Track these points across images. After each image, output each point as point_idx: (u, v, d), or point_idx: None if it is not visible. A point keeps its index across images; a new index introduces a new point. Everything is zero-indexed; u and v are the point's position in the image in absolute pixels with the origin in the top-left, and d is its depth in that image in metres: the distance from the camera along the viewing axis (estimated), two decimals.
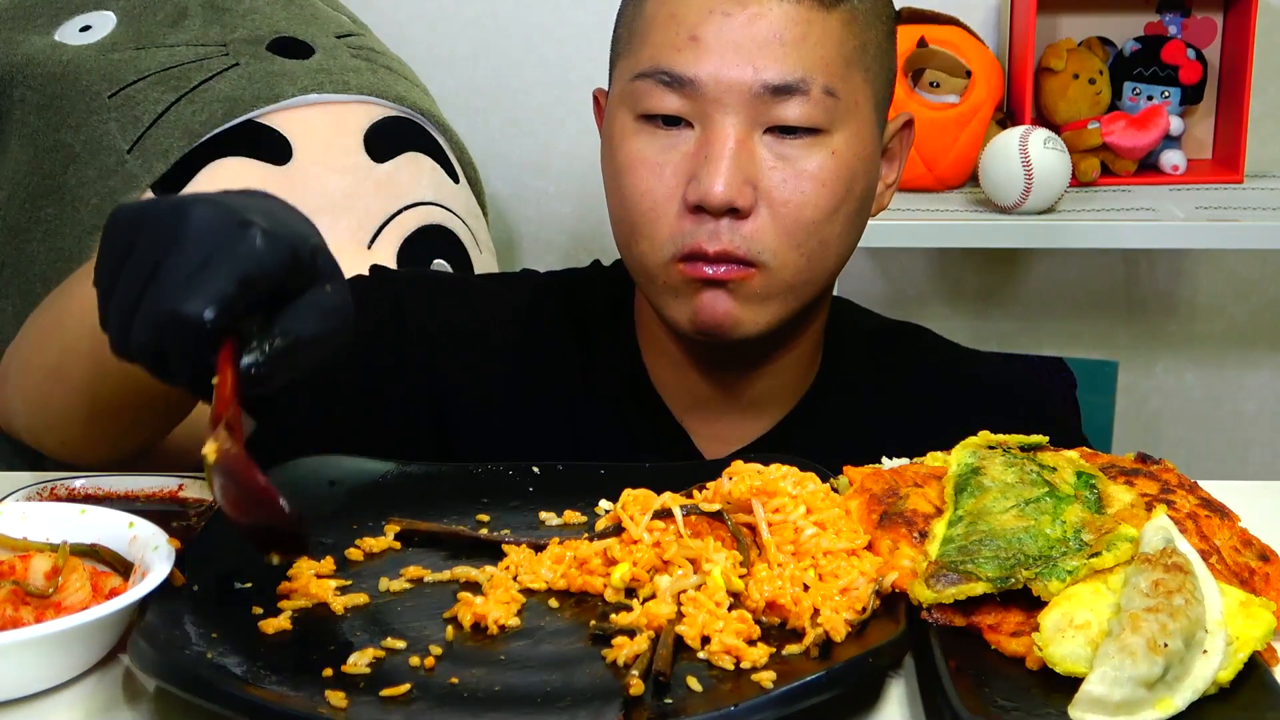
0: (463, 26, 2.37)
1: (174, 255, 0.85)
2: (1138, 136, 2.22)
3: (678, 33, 1.21)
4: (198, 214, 0.86)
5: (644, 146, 1.23)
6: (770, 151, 1.21)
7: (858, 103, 1.23)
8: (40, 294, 1.76)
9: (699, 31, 1.20)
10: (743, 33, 1.20)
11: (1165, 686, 0.77)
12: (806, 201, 1.21)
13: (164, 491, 1.07)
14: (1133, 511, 0.90)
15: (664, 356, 1.31)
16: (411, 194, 1.90)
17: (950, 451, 0.99)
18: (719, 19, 1.20)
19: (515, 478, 1.08)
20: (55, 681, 0.83)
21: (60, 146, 1.80)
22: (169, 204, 0.88)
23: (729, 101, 1.19)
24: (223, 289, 0.84)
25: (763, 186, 1.20)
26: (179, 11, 1.90)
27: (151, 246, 0.86)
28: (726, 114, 1.20)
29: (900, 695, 0.83)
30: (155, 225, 0.87)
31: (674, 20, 1.22)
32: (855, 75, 1.23)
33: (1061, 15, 2.30)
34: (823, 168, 1.21)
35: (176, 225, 0.86)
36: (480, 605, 0.89)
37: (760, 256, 1.20)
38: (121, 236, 0.88)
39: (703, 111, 1.20)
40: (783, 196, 1.20)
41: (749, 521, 0.92)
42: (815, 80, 1.20)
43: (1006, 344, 2.42)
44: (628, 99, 1.24)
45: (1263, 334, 2.47)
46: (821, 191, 1.21)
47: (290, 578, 0.91)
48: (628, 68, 1.26)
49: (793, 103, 1.19)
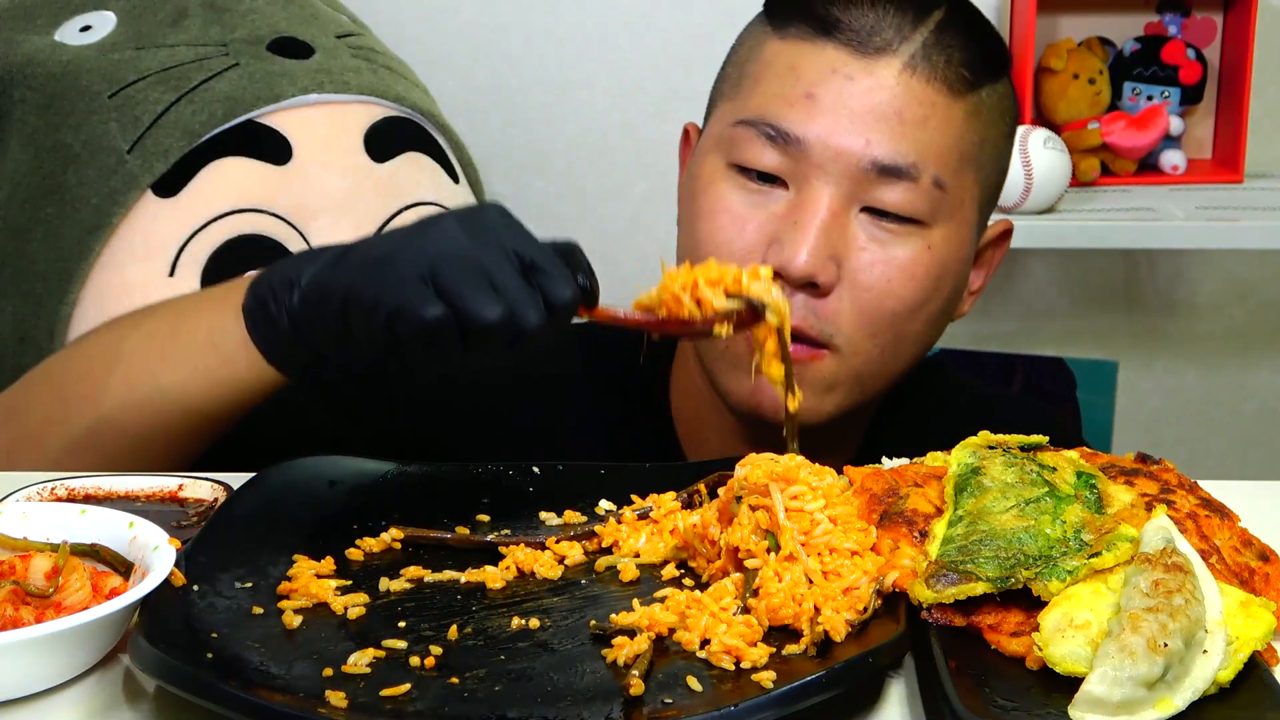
0: (463, 26, 2.37)
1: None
2: (1138, 136, 2.22)
3: (794, 87, 1.15)
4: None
5: (731, 194, 1.17)
6: (864, 231, 1.15)
7: (963, 201, 1.17)
8: (40, 294, 1.77)
9: (816, 90, 1.14)
10: (862, 101, 1.13)
11: (1165, 686, 0.77)
12: (891, 291, 1.15)
13: (164, 491, 1.07)
14: (1133, 511, 0.90)
15: (699, 421, 1.25)
16: (411, 194, 1.90)
17: (950, 451, 0.99)
18: (840, 81, 1.14)
19: (515, 478, 1.08)
20: (55, 681, 0.83)
21: (60, 146, 1.80)
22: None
23: (832, 170, 1.13)
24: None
25: (848, 266, 1.14)
26: (179, 11, 1.90)
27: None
28: (826, 182, 1.13)
29: (900, 695, 0.83)
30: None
31: (792, 73, 1.15)
32: (968, 172, 1.17)
33: (1061, 15, 2.30)
34: (915, 260, 1.15)
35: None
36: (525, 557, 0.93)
37: (833, 339, 1.14)
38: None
39: (802, 174, 1.14)
40: (867, 281, 1.14)
41: (766, 505, 0.91)
42: (927, 169, 1.14)
43: (1006, 344, 2.42)
44: (724, 144, 1.18)
45: (1263, 334, 2.47)
46: (909, 284, 1.15)
47: (290, 578, 0.91)
48: (730, 111, 1.19)
49: (899, 187, 1.13)
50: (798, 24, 1.18)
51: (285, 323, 1.04)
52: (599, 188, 2.44)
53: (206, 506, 1.04)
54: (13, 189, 1.83)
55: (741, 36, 1.25)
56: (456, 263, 0.95)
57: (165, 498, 1.06)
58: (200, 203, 1.76)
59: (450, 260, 0.96)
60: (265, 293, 1.06)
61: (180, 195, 1.76)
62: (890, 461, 1.02)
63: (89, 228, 1.76)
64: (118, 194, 1.76)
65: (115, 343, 1.16)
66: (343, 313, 0.99)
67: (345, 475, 1.05)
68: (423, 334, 0.95)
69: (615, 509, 1.02)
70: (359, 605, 0.89)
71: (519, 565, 0.95)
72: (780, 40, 1.19)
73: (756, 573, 0.88)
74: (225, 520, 0.97)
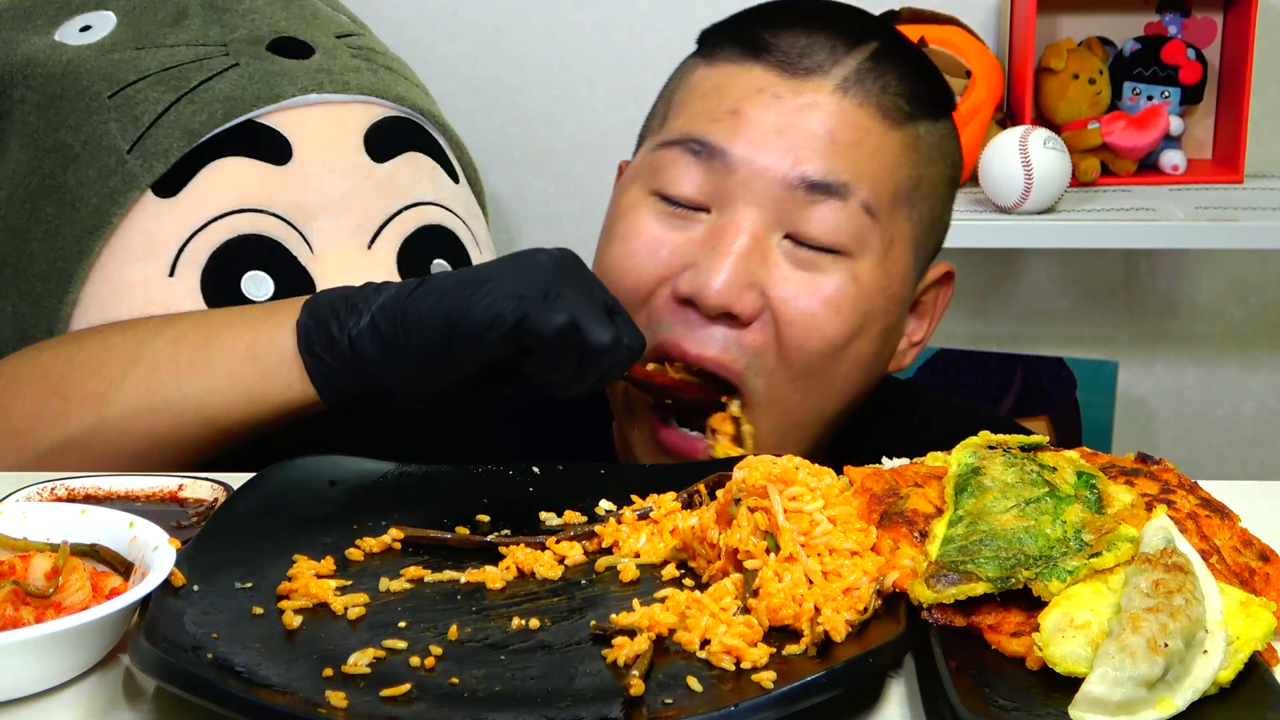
0: (463, 26, 2.37)
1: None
2: (1138, 136, 2.22)
3: (719, 104, 1.10)
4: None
5: (649, 219, 1.11)
6: (787, 259, 1.09)
7: (894, 238, 1.11)
8: (40, 294, 1.77)
9: (743, 106, 1.09)
10: (791, 118, 1.08)
11: (1165, 686, 0.77)
12: (816, 326, 1.08)
13: (164, 491, 1.07)
14: (1133, 511, 0.90)
15: (639, 446, 1.18)
16: (411, 194, 1.90)
17: (950, 451, 0.99)
18: (768, 99, 1.08)
19: (515, 478, 1.07)
20: (55, 681, 0.83)
21: (60, 146, 1.80)
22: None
23: (757, 189, 1.08)
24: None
25: (771, 297, 1.08)
26: (179, 11, 1.90)
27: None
28: (750, 204, 1.08)
29: (900, 695, 0.83)
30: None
31: (717, 92, 1.10)
32: (900, 209, 1.11)
33: (1061, 15, 2.30)
34: (841, 291, 1.08)
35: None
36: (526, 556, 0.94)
37: (753, 379, 1.09)
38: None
39: (725, 195, 1.08)
40: (789, 315, 1.08)
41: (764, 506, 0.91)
42: (858, 190, 1.07)
43: (1006, 344, 2.42)
44: (645, 170, 1.13)
45: (1263, 334, 2.47)
46: (834, 318, 1.08)
47: (290, 578, 0.91)
48: (655, 139, 1.15)
49: (826, 209, 1.07)
50: (727, 48, 1.13)
51: (345, 343, 1.05)
52: (599, 188, 2.44)
53: (206, 506, 1.04)
54: (13, 189, 1.83)
55: (669, 82, 1.20)
56: (568, 288, 0.99)
57: (165, 498, 1.06)
58: (200, 203, 1.76)
59: (562, 285, 0.99)
60: (327, 314, 1.06)
61: (180, 195, 1.76)
62: (890, 461, 1.02)
63: (89, 228, 1.76)
64: (118, 194, 1.76)
65: (134, 345, 1.13)
66: (447, 330, 1.00)
67: (345, 475, 1.05)
68: (547, 345, 0.98)
69: (615, 509, 1.02)
70: (359, 605, 0.89)
71: (519, 565, 0.95)
72: (708, 66, 1.14)
73: (756, 573, 0.88)
74: (225, 520, 0.97)
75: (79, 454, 1.12)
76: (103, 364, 1.13)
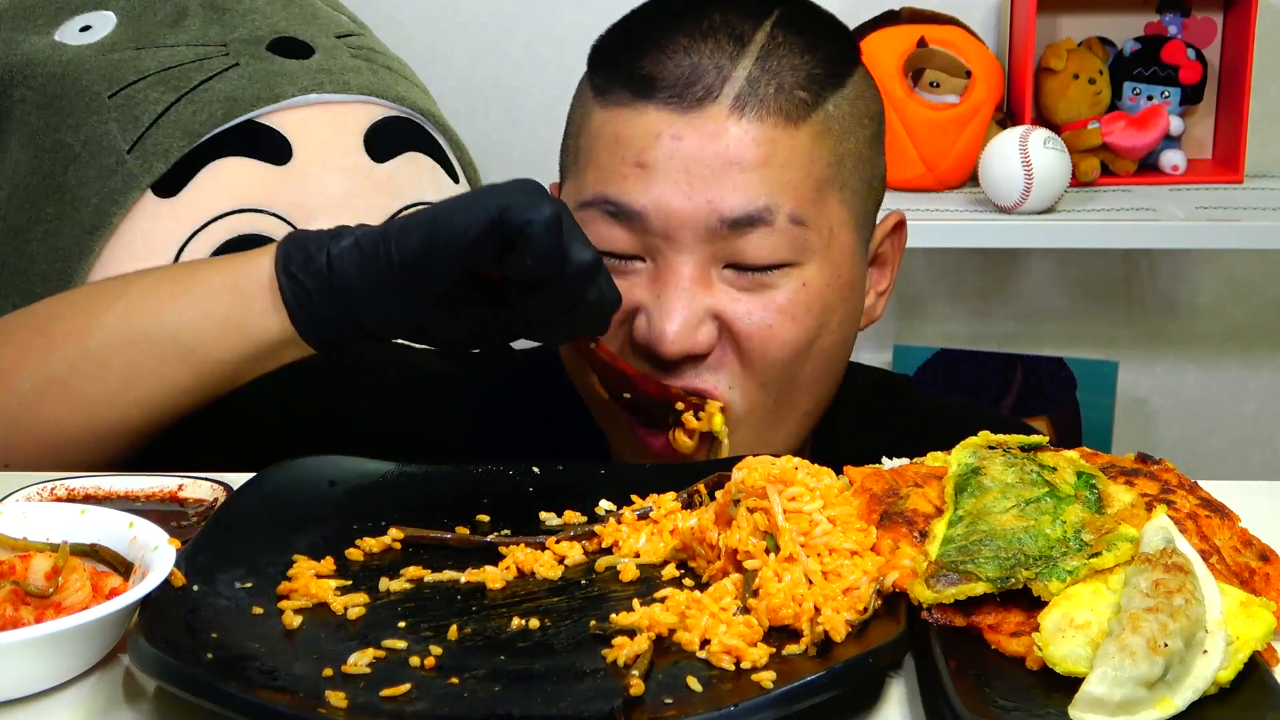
0: (463, 26, 2.37)
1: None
2: (1138, 136, 2.22)
3: (623, 158, 1.09)
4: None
5: None
6: (733, 285, 1.09)
7: (832, 230, 1.10)
8: (40, 294, 1.76)
9: (645, 157, 1.08)
10: (694, 158, 1.06)
11: (1165, 686, 0.77)
12: (775, 337, 1.08)
13: (164, 491, 1.07)
14: (1133, 511, 0.90)
15: (643, 457, 1.19)
16: (411, 194, 1.90)
17: (950, 451, 0.99)
18: (668, 143, 1.07)
19: (515, 478, 1.07)
20: (55, 681, 0.83)
21: (60, 146, 1.80)
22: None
23: (682, 237, 1.07)
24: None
25: (726, 319, 1.09)
26: (179, 11, 1.90)
27: None
28: (679, 250, 1.07)
29: (900, 695, 0.83)
30: None
31: (618, 144, 1.09)
32: (829, 198, 1.10)
33: (1061, 15, 2.30)
34: (793, 300, 1.08)
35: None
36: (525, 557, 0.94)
37: (725, 393, 1.09)
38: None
39: (654, 246, 1.08)
40: (746, 330, 1.08)
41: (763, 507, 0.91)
42: (781, 209, 1.07)
43: (1006, 344, 2.42)
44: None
45: (1263, 334, 2.47)
46: (792, 326, 1.09)
47: (290, 578, 0.91)
48: (574, 190, 1.14)
49: (755, 235, 1.07)
50: (617, 90, 1.12)
51: (323, 261, 1.03)
52: None
53: (206, 506, 1.04)
54: (13, 189, 1.83)
55: (573, 100, 1.20)
56: (550, 198, 0.99)
57: (165, 498, 1.06)
58: (200, 203, 1.77)
59: (544, 193, 1.00)
60: (309, 238, 1.05)
61: (180, 195, 1.76)
62: (890, 461, 1.02)
63: (89, 228, 1.76)
64: (118, 194, 1.76)
65: (119, 285, 1.13)
66: (428, 236, 0.99)
67: (345, 475, 1.05)
68: (529, 238, 0.96)
69: (615, 509, 1.02)
70: (359, 605, 0.89)
71: (519, 565, 0.95)
72: (603, 109, 1.13)
73: (756, 573, 0.88)
74: (225, 520, 0.97)
75: (59, 393, 1.09)
76: (86, 302, 1.12)
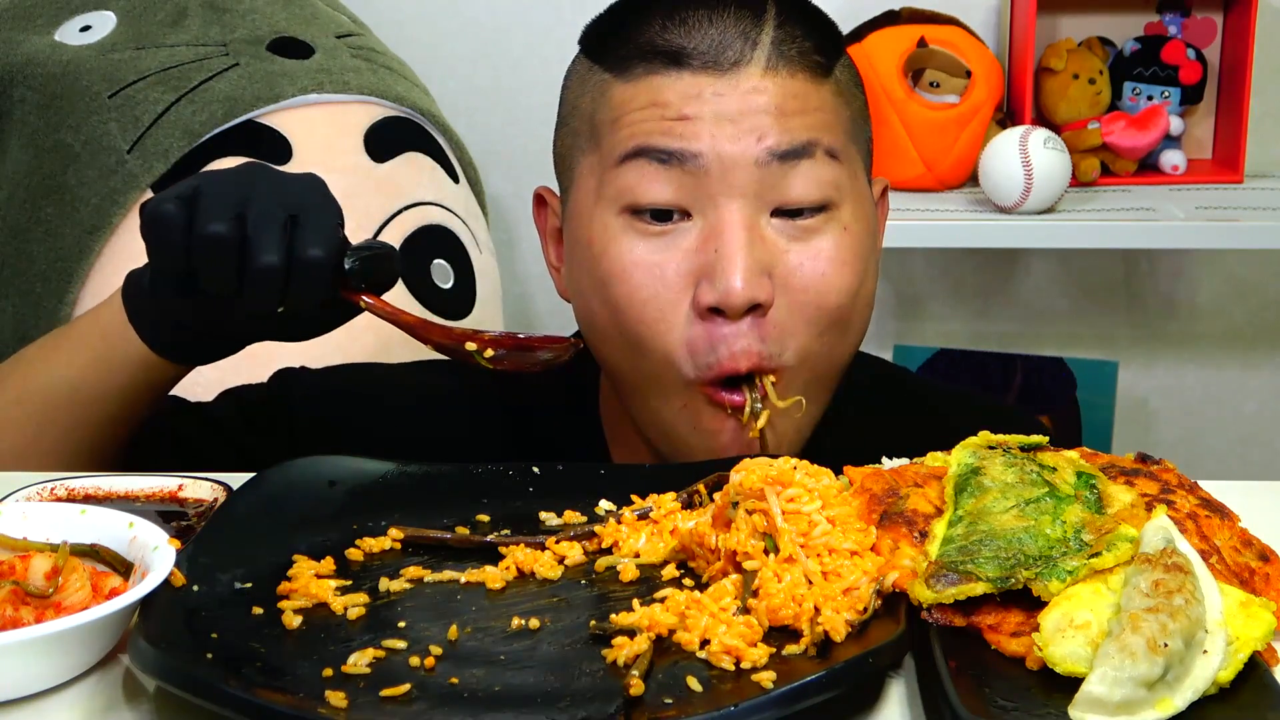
0: (463, 26, 2.37)
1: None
2: (1138, 136, 2.22)
3: (663, 116, 1.11)
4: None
5: (635, 245, 1.11)
6: (782, 235, 1.11)
7: (856, 172, 1.16)
8: (40, 294, 1.77)
9: (688, 111, 1.10)
10: (738, 107, 1.10)
11: (1165, 686, 0.77)
12: (829, 285, 1.12)
13: (164, 491, 1.07)
14: (1133, 511, 0.90)
15: (627, 421, 1.20)
16: (411, 194, 1.90)
17: (950, 451, 0.99)
18: (710, 99, 1.11)
19: (515, 478, 1.07)
20: (55, 681, 0.83)
21: (60, 146, 1.80)
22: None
23: (734, 179, 1.10)
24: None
25: (779, 274, 1.11)
26: (179, 11, 1.90)
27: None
28: (731, 197, 1.10)
29: (900, 695, 0.83)
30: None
31: (657, 106, 1.11)
32: (851, 145, 1.16)
33: (1061, 15, 2.30)
34: (838, 245, 1.12)
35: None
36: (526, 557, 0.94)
37: (782, 358, 1.11)
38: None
39: (705, 196, 1.10)
40: (801, 283, 1.11)
41: (762, 508, 0.91)
42: (820, 143, 1.12)
43: (1006, 344, 2.42)
44: (610, 190, 1.12)
45: (1263, 334, 2.47)
46: (843, 271, 1.12)
47: (290, 578, 0.92)
48: (599, 161, 1.14)
49: (800, 170, 1.11)
50: (642, 64, 1.14)
51: (146, 276, 1.10)
52: None
53: (206, 506, 1.04)
54: (13, 189, 1.83)
55: (572, 90, 1.21)
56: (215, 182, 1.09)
57: (165, 498, 1.06)
58: None
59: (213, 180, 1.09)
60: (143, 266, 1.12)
61: None
62: (890, 461, 1.02)
63: (89, 228, 1.76)
64: (118, 194, 1.76)
65: (29, 349, 1.22)
66: (189, 206, 1.05)
67: (345, 475, 1.05)
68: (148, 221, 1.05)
69: (615, 509, 1.02)
70: (359, 605, 0.89)
71: (519, 565, 0.95)
72: (628, 84, 1.14)
73: (756, 573, 0.88)
74: (225, 520, 0.97)
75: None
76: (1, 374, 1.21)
